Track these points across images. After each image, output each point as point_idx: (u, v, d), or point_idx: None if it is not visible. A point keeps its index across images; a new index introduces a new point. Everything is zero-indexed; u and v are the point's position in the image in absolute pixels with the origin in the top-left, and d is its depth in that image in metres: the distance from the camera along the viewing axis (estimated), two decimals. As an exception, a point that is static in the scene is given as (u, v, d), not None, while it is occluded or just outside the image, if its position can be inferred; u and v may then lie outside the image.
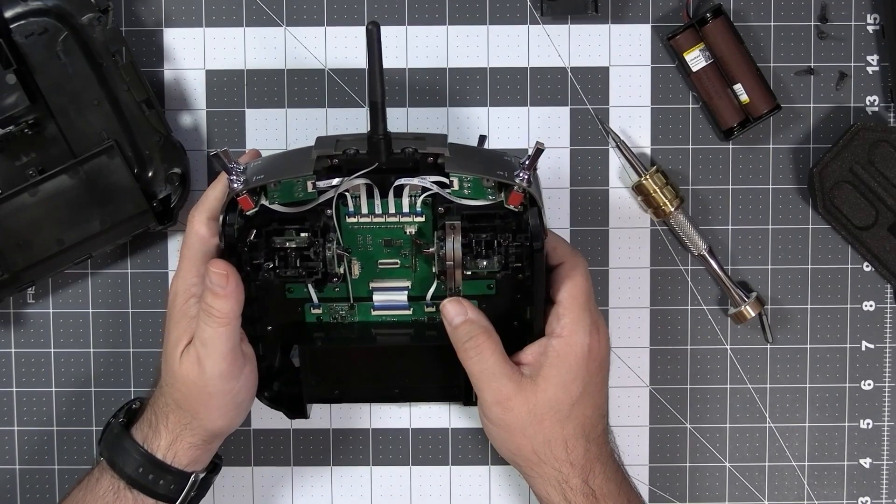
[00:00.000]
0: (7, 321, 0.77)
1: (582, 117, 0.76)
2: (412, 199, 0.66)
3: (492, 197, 0.66)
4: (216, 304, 0.63)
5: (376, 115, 0.62)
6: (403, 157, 0.63)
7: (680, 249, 0.77)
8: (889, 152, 0.73)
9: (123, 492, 0.66)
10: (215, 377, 0.64)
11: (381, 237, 0.68)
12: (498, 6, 0.76)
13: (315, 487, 0.78)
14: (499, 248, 0.65)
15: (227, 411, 0.66)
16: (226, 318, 0.64)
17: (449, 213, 0.66)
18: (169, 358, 0.66)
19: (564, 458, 0.65)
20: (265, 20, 0.76)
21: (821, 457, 0.77)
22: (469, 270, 0.66)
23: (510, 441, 0.66)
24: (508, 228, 0.66)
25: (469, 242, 0.65)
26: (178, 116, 0.76)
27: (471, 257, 0.65)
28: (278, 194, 0.66)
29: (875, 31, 0.76)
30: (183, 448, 0.66)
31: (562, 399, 0.65)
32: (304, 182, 0.65)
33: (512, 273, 0.67)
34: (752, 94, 0.74)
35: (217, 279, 0.63)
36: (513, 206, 0.65)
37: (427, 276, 0.69)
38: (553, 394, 0.65)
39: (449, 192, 0.65)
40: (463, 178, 0.65)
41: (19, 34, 0.71)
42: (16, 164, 0.72)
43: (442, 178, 0.65)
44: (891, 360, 0.77)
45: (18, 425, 0.77)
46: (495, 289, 0.69)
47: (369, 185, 0.65)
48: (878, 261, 0.75)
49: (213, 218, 0.66)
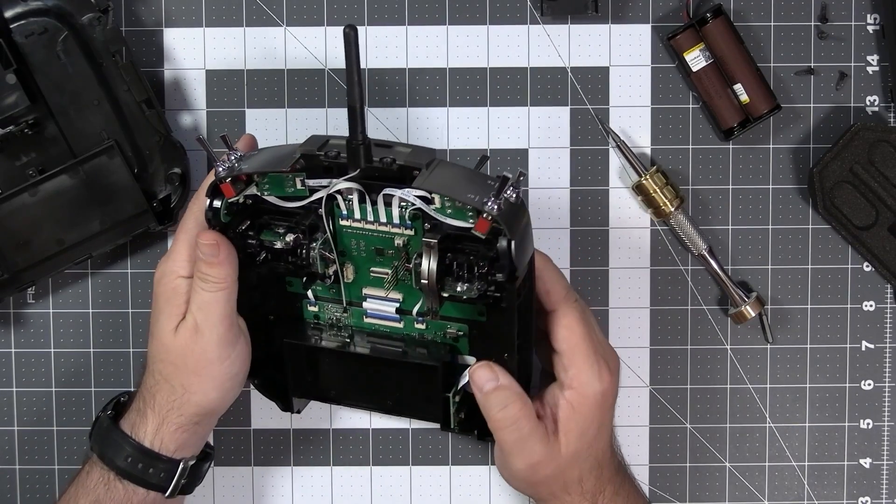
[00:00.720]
0: (7, 321, 0.77)
1: (582, 117, 0.76)
2: (402, 211, 0.64)
3: (472, 220, 0.61)
4: (211, 272, 0.64)
5: (355, 120, 0.60)
6: (382, 167, 0.61)
7: (680, 249, 0.77)
8: (889, 152, 0.73)
9: (114, 483, 0.66)
10: (213, 342, 0.65)
11: (373, 245, 0.66)
12: (498, 6, 0.76)
13: (315, 487, 0.78)
14: (479, 275, 0.62)
15: (222, 382, 0.66)
16: (223, 283, 0.64)
17: (434, 230, 0.63)
18: (160, 333, 0.66)
19: (579, 491, 0.66)
20: (265, 20, 0.76)
21: (821, 457, 0.77)
22: (446, 293, 0.63)
23: (529, 489, 0.68)
24: (487, 256, 0.62)
25: (449, 264, 0.63)
26: (178, 116, 0.76)
27: (452, 279, 0.63)
28: (268, 187, 0.66)
29: (875, 31, 0.76)
30: (170, 431, 0.66)
31: (581, 447, 0.65)
32: (294, 178, 0.65)
33: (493, 303, 0.64)
34: (752, 94, 0.74)
35: (208, 249, 0.64)
36: (479, 233, 0.60)
37: (415, 291, 0.67)
38: (575, 447, 0.65)
39: (434, 210, 0.62)
40: (444, 197, 0.62)
41: (19, 34, 0.71)
42: (16, 164, 0.72)
43: (424, 193, 0.62)
44: (891, 360, 0.77)
45: (18, 425, 0.77)
46: (486, 315, 0.66)
47: (361, 192, 0.64)
48: (878, 261, 0.75)
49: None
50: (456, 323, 0.67)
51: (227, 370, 0.66)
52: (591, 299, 0.77)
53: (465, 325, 0.67)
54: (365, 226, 0.65)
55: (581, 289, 0.76)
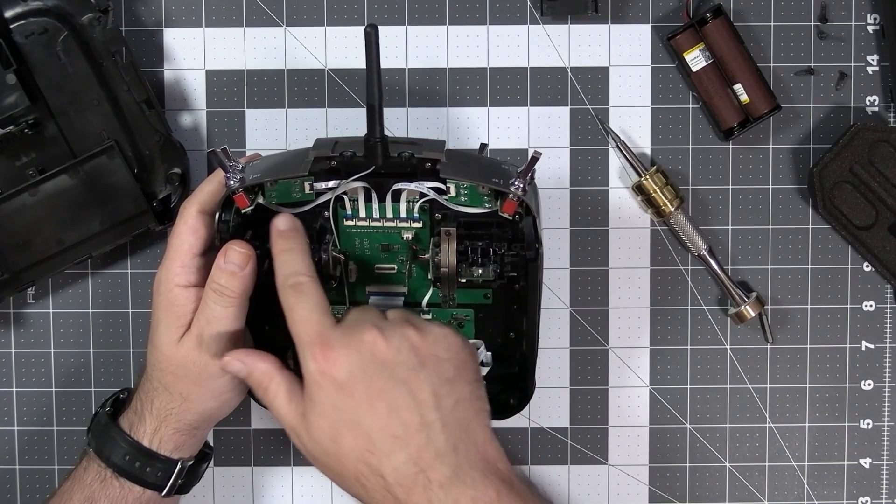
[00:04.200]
0: (7, 321, 0.77)
1: (582, 117, 0.76)
2: (409, 205, 0.66)
3: (488, 205, 0.66)
4: (230, 284, 0.63)
5: (373, 118, 0.61)
6: (400, 162, 0.63)
7: (680, 249, 0.77)
8: (889, 152, 0.73)
9: (110, 480, 0.66)
10: (218, 357, 0.64)
11: (378, 242, 0.67)
12: (498, 6, 0.76)
13: (315, 487, 0.78)
14: (494, 257, 0.65)
15: (221, 394, 0.66)
16: (237, 299, 0.64)
17: (446, 219, 0.66)
18: (159, 343, 0.65)
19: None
20: (265, 20, 0.76)
21: (821, 457, 0.77)
22: (464, 278, 0.65)
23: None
24: (504, 237, 0.65)
25: (465, 250, 0.65)
26: (178, 116, 0.76)
27: (466, 265, 0.65)
28: (276, 194, 0.66)
29: (875, 31, 0.76)
30: (168, 434, 0.66)
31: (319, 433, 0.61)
32: (302, 183, 0.65)
33: (507, 282, 0.66)
34: (752, 94, 0.74)
35: (239, 258, 0.63)
36: (507, 214, 0.64)
37: (423, 283, 0.68)
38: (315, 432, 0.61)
39: (446, 199, 0.65)
40: (460, 185, 0.65)
41: (19, 34, 0.71)
42: (16, 164, 0.72)
43: (439, 185, 0.64)
44: (891, 360, 0.77)
45: (18, 425, 0.77)
46: (491, 298, 0.69)
47: (367, 189, 0.65)
48: (878, 261, 0.75)
49: (204, 211, 0.66)
50: (463, 309, 0.69)
51: (228, 382, 0.66)
52: (591, 299, 0.77)
53: (472, 310, 0.69)
54: (371, 224, 0.66)
55: (581, 289, 0.77)
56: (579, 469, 0.77)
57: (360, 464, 0.58)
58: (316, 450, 0.60)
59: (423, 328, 0.60)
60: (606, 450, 0.77)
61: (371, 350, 0.58)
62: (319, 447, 0.59)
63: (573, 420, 0.77)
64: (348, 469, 0.59)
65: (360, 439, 0.58)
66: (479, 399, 0.61)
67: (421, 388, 0.58)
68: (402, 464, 0.57)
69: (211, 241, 0.66)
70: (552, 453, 0.77)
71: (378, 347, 0.58)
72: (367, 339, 0.58)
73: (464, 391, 0.60)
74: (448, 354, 0.60)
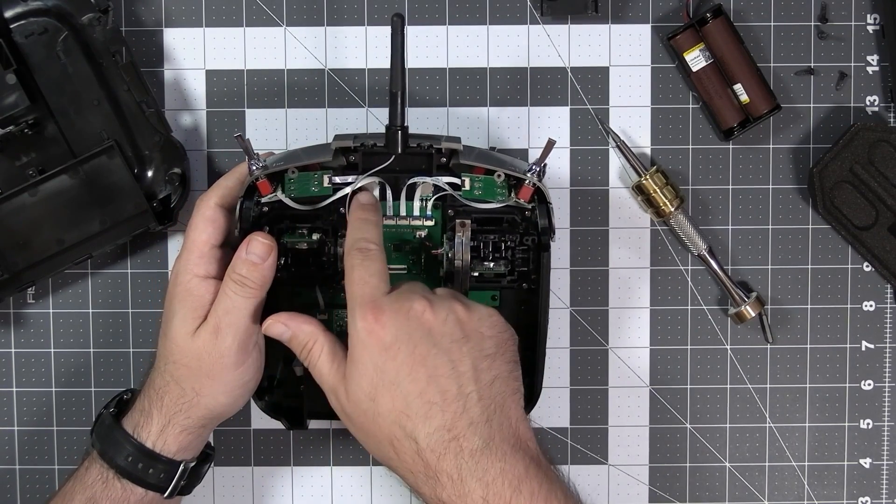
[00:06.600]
0: (7, 321, 0.77)
1: (582, 117, 0.76)
2: (423, 203, 0.67)
3: (501, 198, 0.67)
4: (251, 275, 0.64)
5: (395, 105, 0.64)
6: (419, 151, 0.66)
7: (680, 249, 0.77)
8: (889, 152, 0.73)
9: (112, 481, 0.66)
10: (233, 349, 0.64)
11: (390, 241, 0.69)
12: (498, 6, 0.76)
13: (315, 487, 0.78)
14: (506, 251, 0.67)
15: (234, 388, 0.66)
16: (257, 290, 0.64)
17: (459, 216, 0.68)
18: (174, 335, 0.66)
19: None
20: (265, 20, 0.76)
21: (821, 457, 0.77)
22: (476, 272, 0.67)
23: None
24: (516, 230, 0.67)
25: (477, 244, 0.66)
26: (178, 116, 0.76)
27: (478, 259, 0.67)
28: (295, 187, 0.67)
29: (875, 31, 0.76)
30: (174, 433, 0.66)
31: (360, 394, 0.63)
32: (321, 177, 0.67)
33: (517, 278, 0.68)
34: (752, 94, 0.74)
35: (261, 249, 0.64)
36: (523, 200, 0.66)
37: (434, 282, 0.69)
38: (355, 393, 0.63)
39: (460, 194, 0.67)
40: (474, 178, 0.67)
41: (19, 34, 0.71)
42: (16, 164, 0.72)
43: (454, 179, 0.67)
44: (891, 360, 0.77)
45: (18, 425, 0.77)
46: (499, 300, 0.70)
47: (382, 186, 0.67)
48: (878, 261, 0.75)
49: (222, 205, 0.67)
50: None
51: (241, 377, 0.66)
52: (591, 299, 0.77)
53: None
54: (384, 222, 0.67)
55: (581, 289, 0.77)
56: (579, 469, 0.77)
57: (394, 426, 0.60)
58: (353, 409, 0.61)
59: (469, 305, 0.63)
60: (606, 450, 0.77)
61: (419, 318, 0.60)
62: (357, 407, 0.61)
63: (573, 420, 0.77)
64: (382, 430, 0.60)
65: (397, 401, 0.59)
66: (516, 380, 0.63)
67: (462, 359, 0.60)
68: (436, 430, 0.59)
69: (228, 234, 0.67)
70: (552, 453, 0.77)
71: (426, 316, 0.60)
72: (416, 307, 0.61)
73: (502, 369, 0.62)
74: (491, 332, 0.62)
